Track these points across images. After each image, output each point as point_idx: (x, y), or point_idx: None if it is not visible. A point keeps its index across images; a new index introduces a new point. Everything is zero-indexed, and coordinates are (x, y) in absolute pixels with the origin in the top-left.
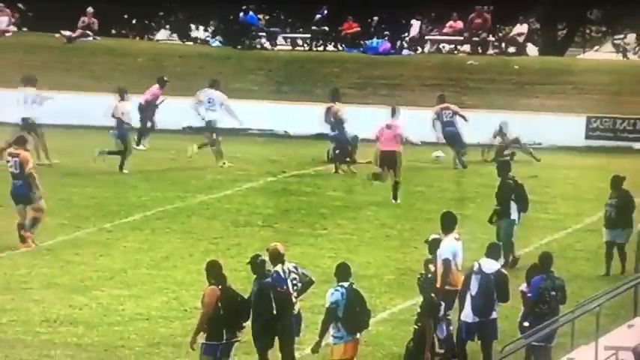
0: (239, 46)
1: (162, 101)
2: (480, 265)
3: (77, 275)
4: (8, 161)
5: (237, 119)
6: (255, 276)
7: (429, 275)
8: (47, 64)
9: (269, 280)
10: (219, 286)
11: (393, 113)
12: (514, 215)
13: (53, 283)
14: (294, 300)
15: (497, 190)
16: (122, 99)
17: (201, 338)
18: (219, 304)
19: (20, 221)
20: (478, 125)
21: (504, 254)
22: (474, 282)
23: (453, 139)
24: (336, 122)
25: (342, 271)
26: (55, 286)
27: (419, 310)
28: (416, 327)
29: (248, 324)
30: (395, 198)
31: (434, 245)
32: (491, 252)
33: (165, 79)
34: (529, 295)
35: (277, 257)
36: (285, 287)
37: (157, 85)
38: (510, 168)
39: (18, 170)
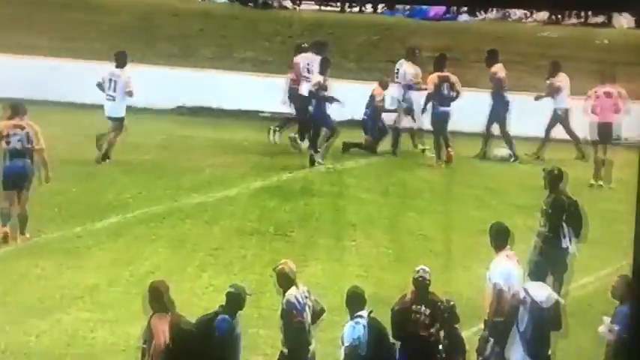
0: (250, 4)
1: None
2: (527, 291)
3: (35, 293)
4: (14, 134)
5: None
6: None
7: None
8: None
9: (284, 308)
10: (168, 314)
11: (607, 80)
12: (565, 243)
13: (3, 302)
14: (312, 333)
15: (546, 208)
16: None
17: None
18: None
19: (5, 208)
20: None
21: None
22: (522, 313)
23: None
24: (450, 94)
25: (355, 299)
26: (5, 306)
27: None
28: None
29: None
30: (607, 182)
31: (416, 283)
32: (537, 274)
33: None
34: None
35: (289, 279)
36: (305, 316)
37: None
38: (563, 177)
39: (29, 145)
